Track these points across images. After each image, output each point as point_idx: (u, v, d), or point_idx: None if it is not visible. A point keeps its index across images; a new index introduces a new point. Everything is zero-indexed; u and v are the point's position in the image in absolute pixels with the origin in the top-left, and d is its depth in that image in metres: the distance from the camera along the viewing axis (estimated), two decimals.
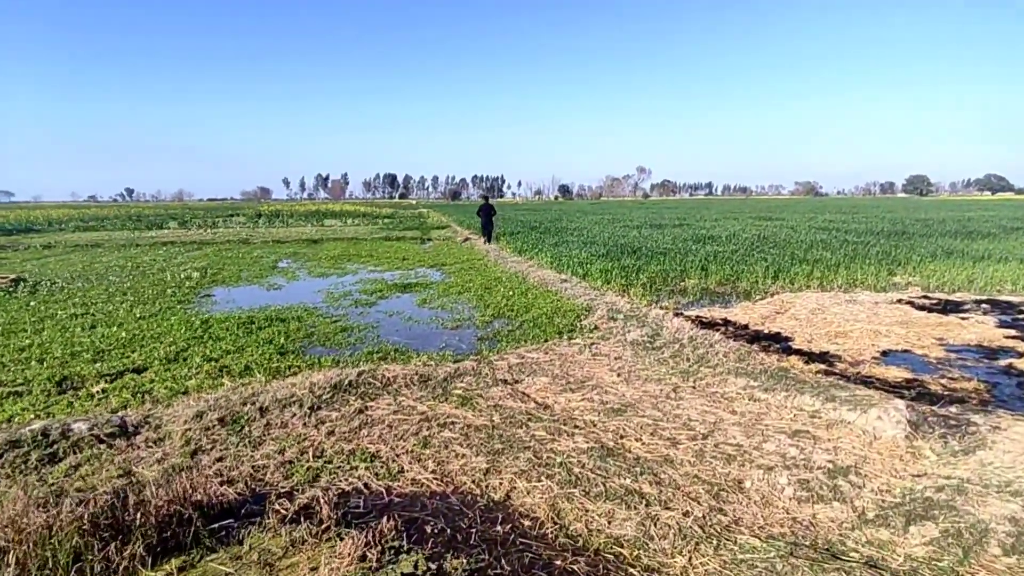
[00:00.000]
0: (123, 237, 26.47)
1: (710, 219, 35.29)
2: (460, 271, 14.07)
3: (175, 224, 36.58)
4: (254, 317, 8.79)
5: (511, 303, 9.72)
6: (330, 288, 11.90)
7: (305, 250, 20.52)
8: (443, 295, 10.84)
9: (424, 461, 4.10)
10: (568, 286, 10.94)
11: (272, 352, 6.86)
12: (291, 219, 41.56)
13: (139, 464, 4.09)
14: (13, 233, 30.15)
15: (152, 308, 9.59)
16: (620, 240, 20.06)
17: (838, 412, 4.72)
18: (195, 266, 15.46)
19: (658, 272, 12.31)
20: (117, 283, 12.41)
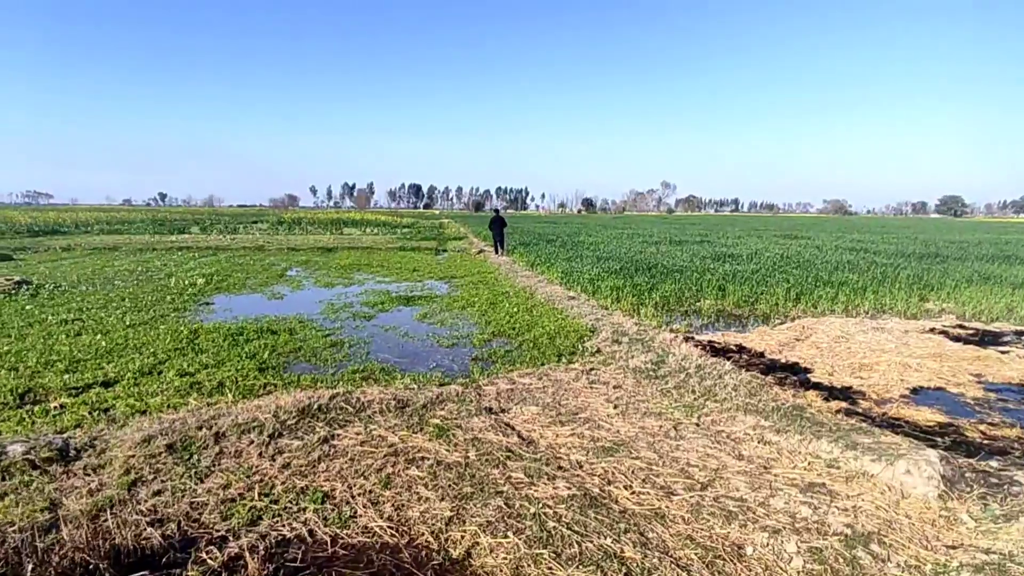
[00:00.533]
0: (143, 241, 26.68)
1: (733, 236, 34.43)
2: (468, 284, 13.67)
3: (197, 229, 36.95)
4: (245, 328, 8.46)
5: (514, 321, 9.27)
6: (332, 299, 11.59)
7: (318, 259, 20.33)
8: (446, 309, 10.45)
9: (381, 505, 3.63)
10: (575, 304, 10.44)
11: (252, 368, 6.49)
12: (311, 227, 41.72)
13: (70, 495, 3.69)
14: (40, 235, 30.65)
15: (145, 316, 9.33)
16: (636, 256, 19.47)
17: (860, 462, 4.14)
18: (203, 272, 15.30)
19: (672, 291, 11.72)
20: (120, 288, 12.25)
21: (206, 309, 10.36)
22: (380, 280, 14.75)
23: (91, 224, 39.06)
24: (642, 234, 35.86)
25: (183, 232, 34.52)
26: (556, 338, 8.07)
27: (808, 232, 42.68)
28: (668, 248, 23.51)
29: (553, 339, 8.01)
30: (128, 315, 9.29)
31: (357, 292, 12.59)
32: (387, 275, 15.75)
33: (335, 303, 11.09)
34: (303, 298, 11.89)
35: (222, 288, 12.84)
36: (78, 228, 35.89)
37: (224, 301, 11.34)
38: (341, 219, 52.70)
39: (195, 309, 10.26)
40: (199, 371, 6.35)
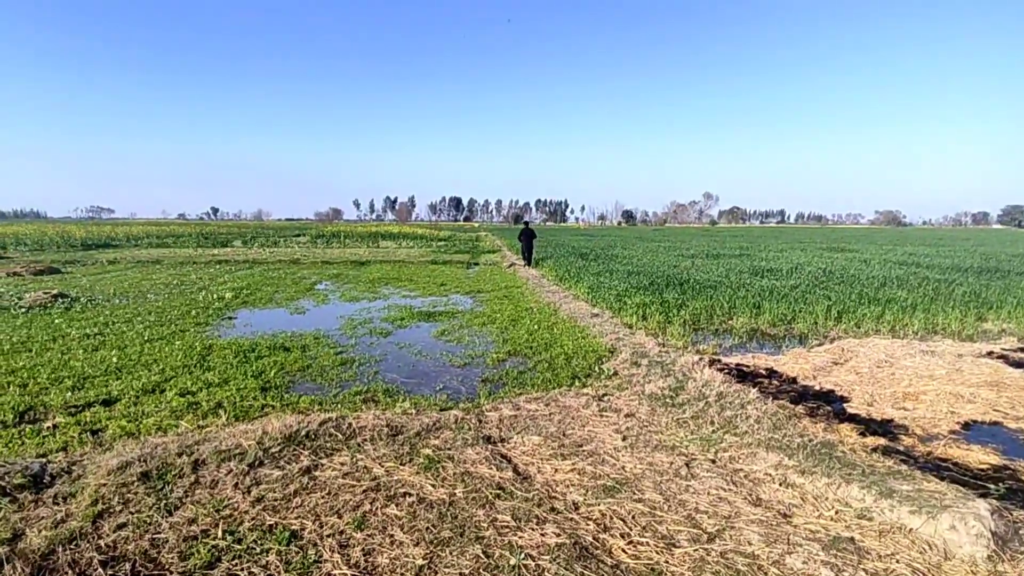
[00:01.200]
0: (185, 254, 27.48)
1: (775, 249, 33.22)
2: (493, 299, 13.41)
3: (239, 243, 37.96)
4: (258, 344, 8.40)
5: (533, 339, 8.94)
6: (353, 314, 11.49)
7: (349, 272, 20.45)
8: (466, 326, 10.20)
9: (351, 548, 3.33)
10: (598, 322, 10.03)
11: (254, 388, 6.34)
12: (349, 240, 42.37)
13: (35, 526, 3.53)
14: (92, 248, 31.97)
15: (166, 330, 9.38)
16: (669, 270, 18.85)
17: (896, 513, 3.62)
18: (234, 286, 15.51)
19: (703, 308, 11.16)
20: (151, 302, 12.47)
21: (227, 324, 10.37)
22: (405, 294, 14.63)
23: (141, 238, 40.65)
24: (679, 247, 35.01)
25: (225, 245, 35.50)
26: (573, 359, 7.69)
27: (856, 244, 40.90)
28: (703, 262, 22.75)
29: (570, 360, 7.64)
30: (149, 330, 9.36)
31: (380, 307, 12.48)
32: (413, 289, 15.66)
33: (355, 318, 10.98)
34: (325, 313, 11.84)
35: (248, 302, 12.92)
36: (129, 241, 37.37)
37: (247, 316, 11.38)
38: (379, 232, 53.49)
39: (216, 324, 10.29)
40: (201, 390, 6.24)
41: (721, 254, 28.17)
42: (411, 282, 17.21)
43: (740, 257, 25.97)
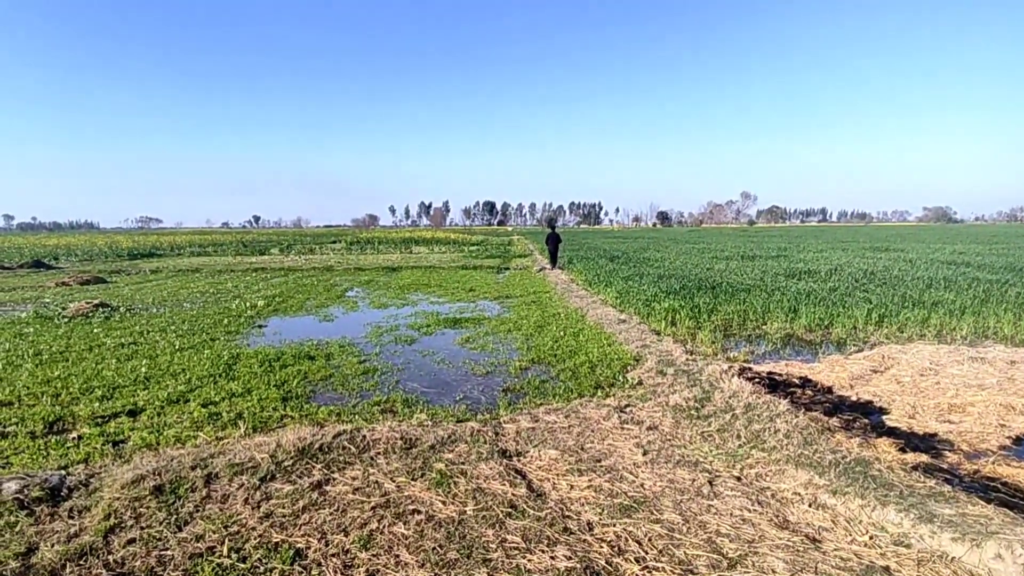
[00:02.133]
0: (224, 263, 28.21)
1: (815, 249, 32.19)
2: (520, 305, 13.31)
3: (277, 251, 38.81)
4: (284, 353, 8.47)
5: (558, 346, 8.80)
6: (381, 321, 11.53)
7: (380, 278, 20.64)
8: (491, 333, 10.12)
9: (355, 569, 3.24)
10: (624, 328, 9.82)
11: (275, 398, 6.37)
12: (382, 245, 42.89)
13: (49, 540, 3.56)
14: (138, 257, 33.16)
15: (197, 339, 9.56)
16: (702, 273, 18.41)
17: (937, 540, 3.35)
18: (267, 293, 15.79)
19: (736, 313, 10.82)
20: (186, 310, 12.77)
21: (256, 332, 10.51)
22: (434, 301, 14.65)
23: (184, 247, 41.97)
24: (714, 249, 34.27)
25: (263, 253, 36.35)
26: (598, 367, 7.52)
27: (901, 243, 39.31)
28: (738, 264, 22.18)
29: (594, 368, 7.47)
30: (181, 339, 9.55)
31: (408, 313, 12.52)
32: (442, 295, 15.67)
33: (382, 326, 11.01)
34: (353, 320, 11.90)
35: (280, 310, 13.11)
36: (172, 251, 38.63)
37: (277, 324, 11.53)
38: (412, 238, 54.07)
39: (246, 332, 10.44)
40: (223, 400, 6.29)
41: (757, 255, 27.44)
42: (440, 288, 17.25)
43: (777, 258, 25.24)
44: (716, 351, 8.40)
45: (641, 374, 7.03)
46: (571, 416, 5.59)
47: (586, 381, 6.90)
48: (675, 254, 29.51)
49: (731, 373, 6.68)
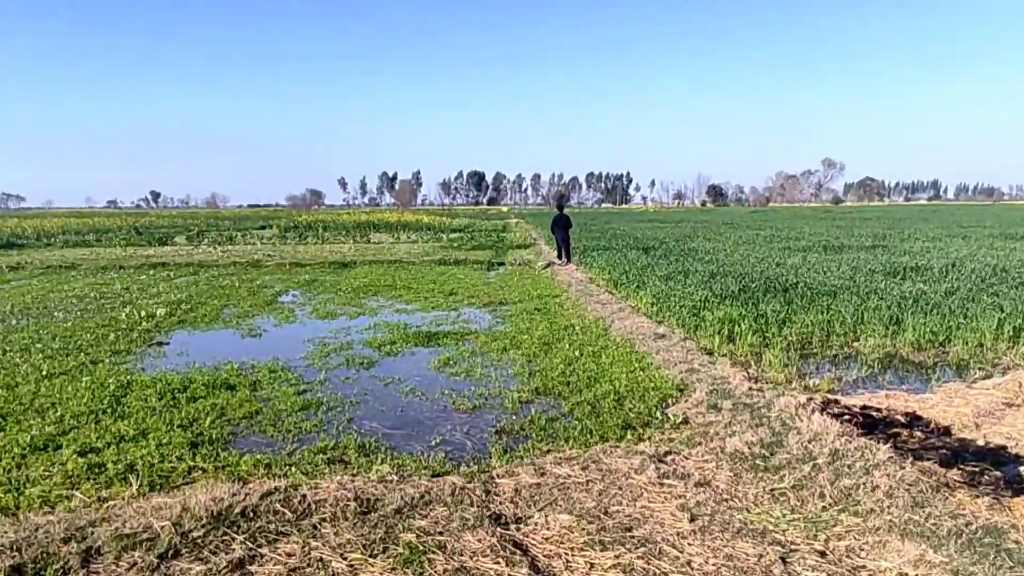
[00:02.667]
0: (110, 256, 28.25)
1: (924, 237, 32.36)
2: (521, 314, 13.40)
3: (183, 239, 38.89)
4: (194, 381, 8.48)
5: (571, 371, 8.86)
6: (327, 336, 11.60)
7: (326, 277, 20.76)
8: (480, 352, 10.20)
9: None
10: (664, 345, 9.90)
11: (181, 443, 6.36)
12: (329, 232, 43.04)
13: None
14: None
15: (73, 361, 9.57)
16: (770, 270, 18.48)
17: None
18: (170, 298, 15.83)
19: (817, 325, 10.86)
20: (58, 322, 12.78)
21: (155, 352, 10.56)
22: (400, 308, 14.77)
23: (56, 234, 42.05)
24: (785, 236, 34.45)
25: (165, 243, 36.48)
26: (627, 400, 7.55)
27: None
28: (819, 257, 22.28)
29: (622, 401, 7.50)
30: (51, 361, 9.56)
31: (364, 326, 12.59)
32: (412, 300, 15.82)
33: (329, 343, 11.07)
34: (289, 335, 11.97)
35: (187, 321, 13.15)
36: (39, 240, 38.70)
37: (183, 340, 11.58)
38: (371, 222, 54.23)
39: (141, 352, 10.49)
40: (109, 446, 6.28)
41: (846, 245, 27.58)
42: (409, 290, 17.40)
43: (873, 249, 25.37)
44: (790, 377, 8.41)
45: (687, 409, 7.05)
46: (591, 468, 5.60)
47: (611, 419, 6.91)
48: (732, 243, 29.63)
49: (811, 408, 6.70)
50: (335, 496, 4.91)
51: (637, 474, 5.45)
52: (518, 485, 5.29)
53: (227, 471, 5.70)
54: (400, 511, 4.79)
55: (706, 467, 5.60)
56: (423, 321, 13.03)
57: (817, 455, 5.52)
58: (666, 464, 5.67)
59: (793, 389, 7.75)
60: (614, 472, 5.50)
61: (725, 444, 5.97)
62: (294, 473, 5.62)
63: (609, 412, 7.16)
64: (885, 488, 4.86)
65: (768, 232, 38.92)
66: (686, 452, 5.93)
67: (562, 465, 5.66)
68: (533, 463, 5.73)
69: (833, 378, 8.53)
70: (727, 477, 5.41)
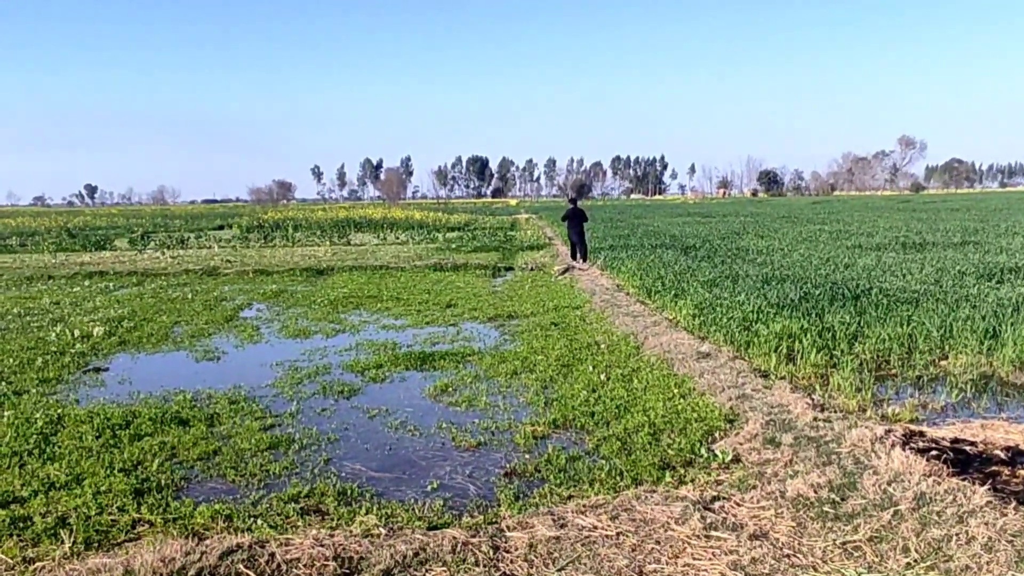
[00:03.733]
0: (37, 263, 28.44)
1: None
2: (534, 330, 13.46)
3: (125, 243, 39.11)
4: (139, 414, 8.56)
5: (596, 398, 8.91)
6: (299, 359, 11.70)
7: (298, 287, 20.99)
8: (485, 376, 10.30)
9: None
10: (709, 366, 9.93)
11: (123, 490, 6.38)
12: (300, 232, 43.18)
13: None
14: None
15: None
16: (836, 273, 18.44)
17: None
18: (110, 315, 15.95)
19: (895, 339, 10.82)
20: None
21: (92, 380, 10.67)
22: (388, 324, 14.92)
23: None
24: (854, 231, 34.42)
25: (103, 247, 36.68)
26: (664, 433, 7.56)
27: None
28: (896, 256, 22.22)
29: (658, 436, 7.50)
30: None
31: (344, 346, 12.71)
32: (402, 314, 15.99)
33: (302, 366, 11.18)
34: (253, 358, 12.09)
35: (129, 342, 13.25)
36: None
37: (126, 365, 11.69)
38: (352, 219, 54.61)
39: (74, 381, 10.59)
40: (36, 495, 6.31)
41: (929, 242, 27.53)
42: (399, 302, 17.58)
43: (962, 247, 25.33)
44: (863, 404, 8.38)
45: (738, 444, 7.04)
46: (621, 518, 5.58)
47: (645, 457, 6.91)
48: (791, 241, 29.62)
49: (890, 442, 6.67)
50: (310, 555, 4.91)
51: (678, 525, 5.43)
52: (533, 540, 5.27)
53: (179, 524, 5.70)
54: (389, 573, 4.79)
55: (763, 516, 5.57)
56: (415, 340, 13.09)
57: (899, 500, 5.50)
58: (714, 512, 5.64)
59: (868, 419, 7.71)
60: (650, 523, 5.48)
61: (786, 487, 5.95)
62: (260, 526, 5.63)
63: (643, 449, 7.14)
64: (983, 540, 4.84)
65: (834, 227, 38.89)
66: (738, 497, 5.91)
67: (586, 514, 5.64)
68: (551, 512, 5.71)
69: (916, 405, 8.49)
70: (788, 528, 5.38)
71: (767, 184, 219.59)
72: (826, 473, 6.11)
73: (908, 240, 28.53)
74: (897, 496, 5.56)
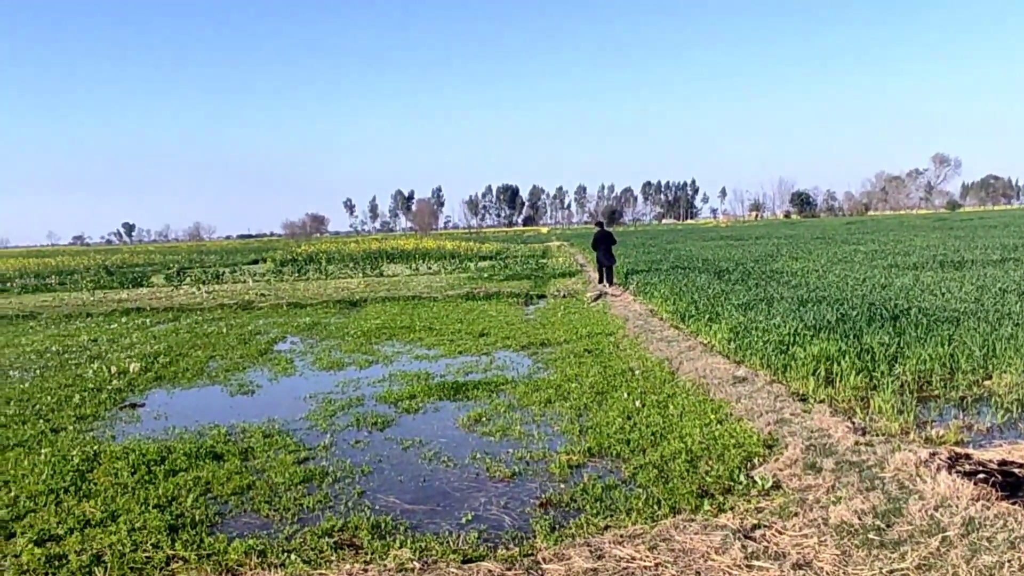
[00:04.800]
0: (76, 301, 28.86)
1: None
2: (567, 357, 13.43)
3: (161, 279, 39.63)
4: (174, 450, 8.58)
5: (632, 426, 8.83)
6: (333, 391, 11.73)
7: (331, 319, 21.08)
8: (518, 406, 10.25)
9: None
10: (745, 390, 9.81)
11: (158, 527, 6.37)
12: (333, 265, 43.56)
13: None
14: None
15: (29, 430, 9.73)
16: (873, 294, 18.19)
17: None
18: (146, 350, 16.08)
19: (936, 360, 10.60)
20: (13, 383, 13.04)
21: (128, 416, 10.73)
22: (421, 354, 14.94)
23: (12, 278, 43.23)
24: (890, 251, 34.04)
25: (140, 284, 37.18)
26: (701, 460, 7.45)
27: None
28: (935, 276, 21.90)
29: (695, 463, 7.39)
30: (5, 430, 9.76)
31: (377, 377, 12.74)
32: (435, 345, 16.01)
33: (335, 398, 11.21)
34: (286, 391, 12.15)
35: (165, 377, 13.36)
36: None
37: (161, 400, 11.78)
38: (384, 251, 54.97)
39: (111, 417, 10.66)
40: (72, 533, 6.32)
41: (968, 260, 27.14)
42: (431, 332, 17.65)
43: (1002, 264, 24.98)
44: (906, 427, 8.18)
45: (778, 471, 6.93)
46: (659, 548, 5.49)
47: (683, 485, 6.81)
48: (826, 262, 29.35)
49: (935, 466, 6.51)
50: None
51: (719, 555, 5.33)
52: (570, 572, 5.20)
53: (213, 561, 5.69)
54: None
55: (806, 544, 5.45)
56: (448, 370, 13.07)
57: (947, 526, 5.36)
58: (755, 541, 5.53)
59: (911, 442, 7.54)
60: (690, 552, 5.39)
61: (828, 514, 5.82)
62: (294, 561, 5.60)
63: (680, 476, 7.05)
64: None
65: (869, 247, 38.50)
66: (779, 525, 5.80)
67: (624, 545, 5.56)
68: (588, 543, 5.64)
69: (961, 427, 8.28)
70: (833, 556, 5.25)
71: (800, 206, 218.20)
72: (870, 499, 5.99)
73: (946, 258, 28.15)
74: (945, 522, 5.43)
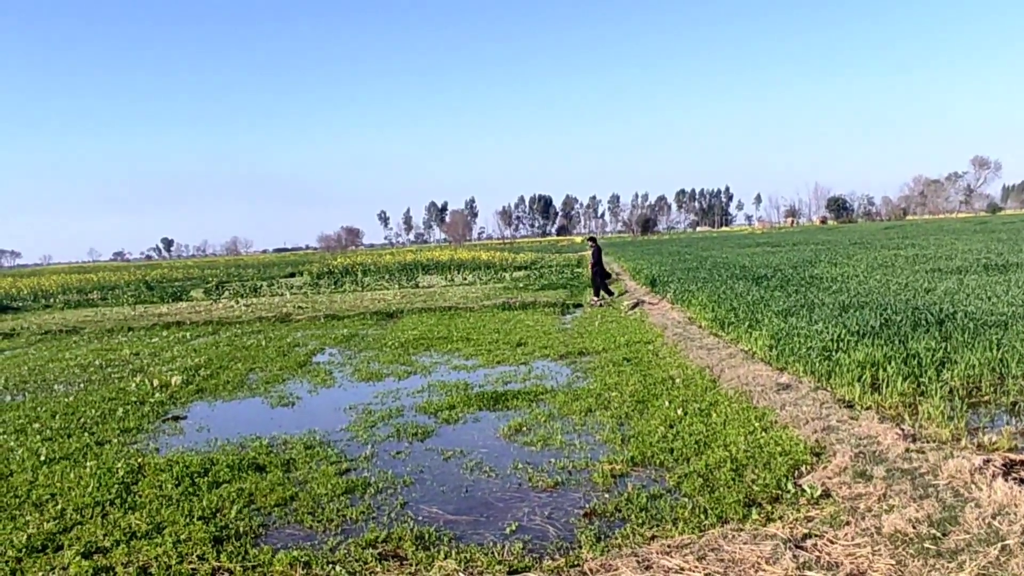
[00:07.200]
0: (117, 316, 29.21)
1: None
2: (606, 366, 13.34)
3: (200, 293, 40.06)
4: (217, 461, 8.63)
5: (674, 434, 8.74)
6: (372, 402, 11.74)
7: (368, 330, 21.09)
8: (558, 415, 10.20)
9: None
10: (789, 397, 9.66)
11: (202, 539, 6.41)
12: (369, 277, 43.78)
13: None
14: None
15: (76, 443, 9.81)
16: (917, 298, 17.87)
17: None
18: (187, 363, 16.20)
19: (985, 364, 10.36)
20: (58, 397, 13.18)
21: (170, 428, 10.80)
22: (459, 364, 14.90)
23: (55, 294, 43.94)
24: (932, 255, 33.46)
25: (180, 298, 37.60)
26: (747, 469, 7.34)
27: None
28: (979, 279, 21.49)
29: (741, 471, 7.29)
30: (49, 444, 9.83)
31: (417, 387, 12.72)
32: (472, 355, 15.96)
33: (375, 409, 11.21)
34: (326, 402, 12.18)
35: (206, 389, 13.43)
36: (36, 301, 40.41)
37: (203, 412, 11.84)
38: (419, 262, 55.13)
39: (154, 430, 10.73)
40: (118, 545, 6.36)
41: (1012, 263, 26.60)
42: (469, 343, 17.58)
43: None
44: (957, 433, 8.00)
45: (827, 479, 6.81)
46: (708, 558, 5.41)
47: (729, 494, 6.72)
48: (866, 267, 28.92)
49: (990, 472, 6.35)
50: None
51: (769, 565, 5.23)
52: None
53: (258, 572, 5.73)
54: None
55: (859, 553, 5.34)
56: (487, 379, 13.02)
57: (1006, 534, 5.22)
58: (806, 551, 5.42)
59: (963, 448, 7.37)
60: (739, 563, 5.30)
61: (881, 523, 5.70)
62: (339, 573, 5.63)
63: (726, 485, 6.96)
64: None
65: (909, 251, 37.91)
66: (831, 534, 5.69)
67: (672, 555, 5.49)
68: (635, 553, 5.59)
69: (1014, 433, 8.09)
70: (887, 566, 5.13)
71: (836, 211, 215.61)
72: (924, 507, 5.86)
73: (990, 262, 27.60)
74: (1003, 530, 5.29)
